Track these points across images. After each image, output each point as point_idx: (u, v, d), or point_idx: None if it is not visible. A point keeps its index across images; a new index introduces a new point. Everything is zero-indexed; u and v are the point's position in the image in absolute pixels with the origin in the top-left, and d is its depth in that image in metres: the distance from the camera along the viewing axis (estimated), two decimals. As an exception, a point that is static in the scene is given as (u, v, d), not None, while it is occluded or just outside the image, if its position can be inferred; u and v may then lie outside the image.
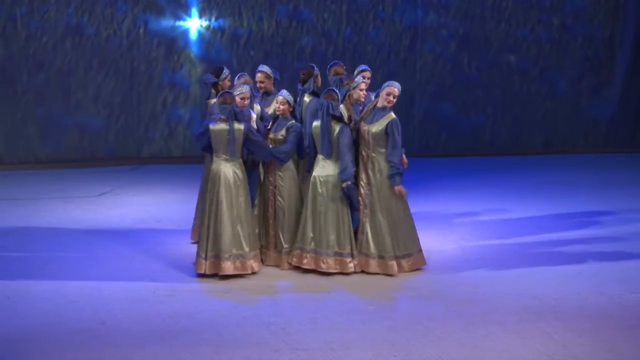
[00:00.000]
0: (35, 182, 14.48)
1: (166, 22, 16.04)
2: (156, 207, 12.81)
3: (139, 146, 16.14)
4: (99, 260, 10.39)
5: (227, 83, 10.86)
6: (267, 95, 10.74)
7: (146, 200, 13.27)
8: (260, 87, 10.70)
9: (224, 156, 9.89)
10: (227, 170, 9.88)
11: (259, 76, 10.69)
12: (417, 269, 9.94)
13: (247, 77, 10.72)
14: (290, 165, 10.15)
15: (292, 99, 10.12)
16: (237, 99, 10.01)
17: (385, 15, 16.58)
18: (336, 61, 10.82)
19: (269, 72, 10.67)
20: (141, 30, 15.95)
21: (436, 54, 16.78)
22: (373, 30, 16.58)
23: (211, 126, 9.89)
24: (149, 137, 16.15)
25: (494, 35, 16.92)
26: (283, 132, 10.05)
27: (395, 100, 9.82)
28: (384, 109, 9.82)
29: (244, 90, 10.09)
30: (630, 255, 10.60)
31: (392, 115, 9.82)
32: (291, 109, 10.13)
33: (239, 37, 16.23)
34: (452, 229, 11.66)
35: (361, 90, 10.08)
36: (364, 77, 10.32)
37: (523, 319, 8.53)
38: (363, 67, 10.67)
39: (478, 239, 11.26)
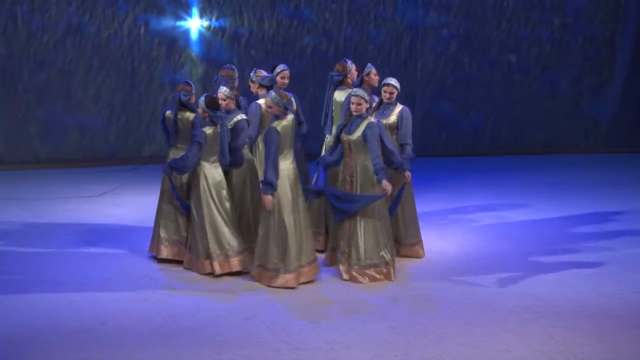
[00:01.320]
0: (36, 182, 14.48)
1: (167, 22, 16.05)
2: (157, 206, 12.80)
3: (140, 146, 16.15)
4: (99, 259, 10.39)
5: (281, 80, 10.72)
6: (256, 99, 10.81)
7: (147, 199, 13.25)
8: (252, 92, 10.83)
9: (174, 144, 10.20)
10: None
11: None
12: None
13: (228, 70, 10.68)
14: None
15: (230, 94, 10.04)
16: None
17: (386, 14, 16.58)
18: (344, 58, 10.83)
19: (252, 78, 10.59)
20: (142, 30, 15.95)
21: (437, 54, 16.78)
22: (374, 29, 16.58)
23: (166, 113, 10.28)
24: (149, 136, 16.15)
25: (495, 35, 16.92)
26: None
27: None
28: None
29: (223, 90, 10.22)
30: (631, 255, 10.59)
31: None
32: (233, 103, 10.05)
33: (240, 36, 16.23)
34: (453, 229, 11.66)
35: (354, 103, 9.65)
36: (385, 92, 10.07)
37: (524, 319, 8.53)
38: (387, 80, 10.24)
39: (479, 239, 11.26)
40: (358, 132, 9.62)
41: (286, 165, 9.53)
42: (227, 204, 9.90)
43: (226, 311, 8.78)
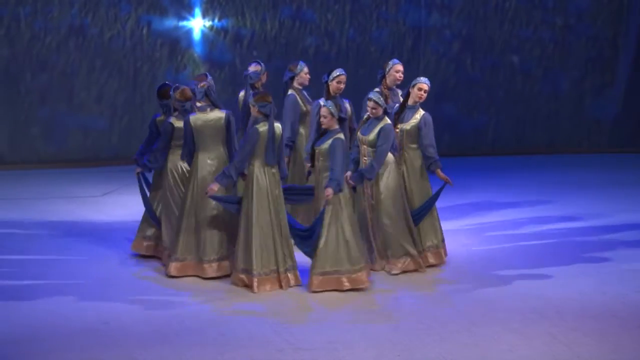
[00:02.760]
0: (38, 182, 14.49)
1: (169, 23, 16.05)
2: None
3: (142, 146, 16.15)
4: (102, 259, 10.39)
5: (337, 85, 10.55)
6: None
7: (149, 200, 13.26)
8: None
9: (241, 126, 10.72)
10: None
11: None
12: None
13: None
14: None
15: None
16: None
17: (389, 15, 16.58)
18: (394, 59, 10.98)
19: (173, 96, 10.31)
20: (144, 31, 15.96)
21: (439, 55, 16.77)
22: (376, 30, 16.58)
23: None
24: (152, 137, 16.15)
25: (497, 36, 16.91)
26: None
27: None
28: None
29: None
30: (634, 255, 10.59)
31: None
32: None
33: (242, 37, 16.24)
34: (456, 229, 11.64)
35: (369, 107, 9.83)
36: (368, 107, 9.83)
37: (527, 319, 8.52)
38: (369, 95, 9.86)
39: (481, 239, 11.26)
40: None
41: (204, 160, 9.67)
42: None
43: (230, 311, 8.78)
